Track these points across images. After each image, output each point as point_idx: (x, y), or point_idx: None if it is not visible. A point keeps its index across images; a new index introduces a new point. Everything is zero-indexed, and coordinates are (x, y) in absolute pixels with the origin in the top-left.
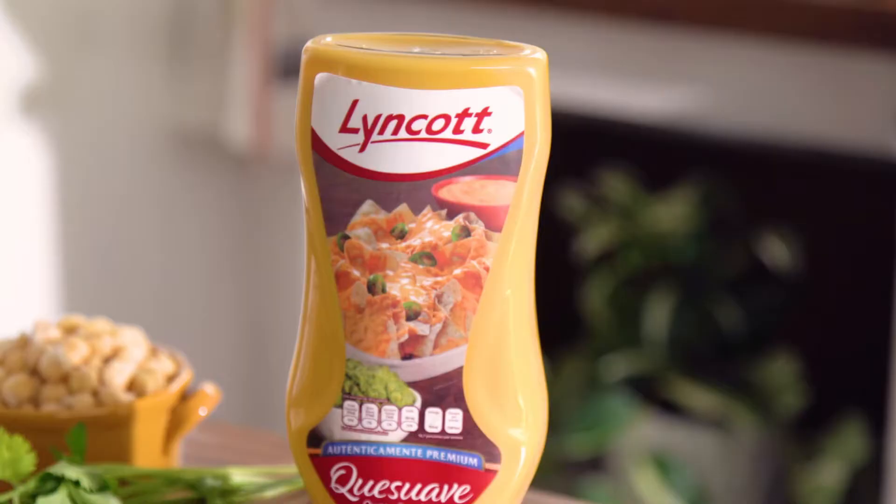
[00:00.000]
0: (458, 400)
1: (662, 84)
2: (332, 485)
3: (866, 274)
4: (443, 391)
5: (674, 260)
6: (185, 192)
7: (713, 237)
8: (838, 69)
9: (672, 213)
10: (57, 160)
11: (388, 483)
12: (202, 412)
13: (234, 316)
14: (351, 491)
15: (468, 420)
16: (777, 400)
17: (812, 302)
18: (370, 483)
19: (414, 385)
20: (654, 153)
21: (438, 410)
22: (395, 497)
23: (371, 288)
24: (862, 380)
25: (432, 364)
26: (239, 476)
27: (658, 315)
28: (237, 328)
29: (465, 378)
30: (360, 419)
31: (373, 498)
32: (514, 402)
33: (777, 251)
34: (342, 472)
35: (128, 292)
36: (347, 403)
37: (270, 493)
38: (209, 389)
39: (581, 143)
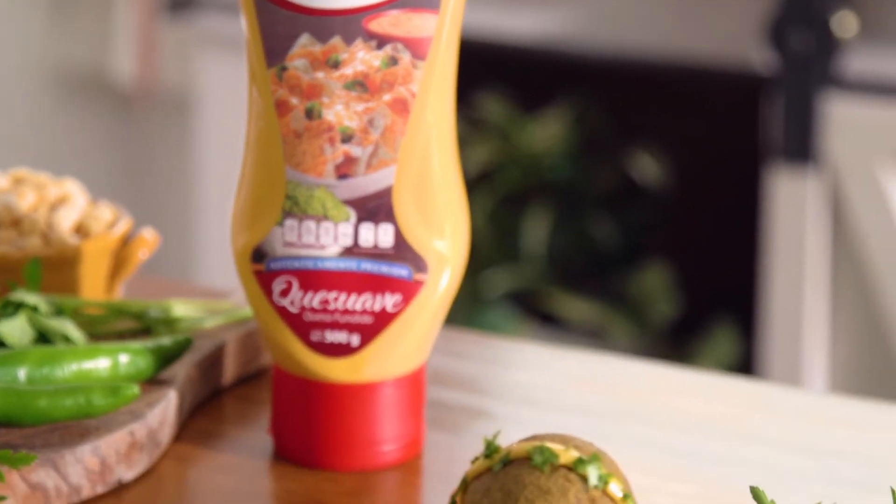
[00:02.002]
0: (389, 216)
1: (535, 6)
2: (275, 298)
3: (733, 186)
4: (375, 208)
5: (550, 178)
6: (69, 132)
7: (587, 156)
8: None
9: (547, 133)
10: None
11: (326, 294)
12: (142, 255)
13: None
14: (292, 303)
15: (398, 235)
16: (651, 308)
17: (683, 214)
18: (309, 295)
19: (349, 203)
20: (529, 74)
21: (371, 226)
22: (332, 307)
23: (308, 114)
24: (732, 287)
25: (365, 183)
26: (181, 308)
27: (536, 232)
28: None
29: (394, 196)
30: (299, 236)
31: (312, 308)
32: (440, 218)
33: (648, 167)
34: (284, 285)
35: None
36: (288, 222)
37: (211, 323)
38: (148, 234)
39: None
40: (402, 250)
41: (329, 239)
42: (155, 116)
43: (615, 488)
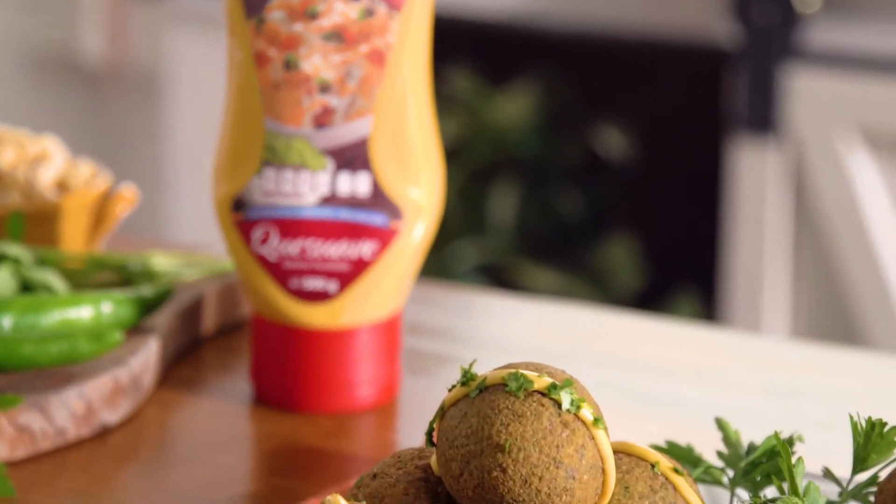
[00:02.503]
0: (366, 165)
1: None
2: (254, 246)
3: (697, 158)
4: (352, 158)
5: (517, 153)
6: (37, 113)
7: (554, 130)
8: None
9: (514, 108)
10: None
11: (304, 242)
12: (121, 211)
13: None
14: (271, 251)
15: (375, 184)
16: (616, 280)
17: (647, 187)
18: (288, 243)
19: (326, 152)
20: (496, 50)
21: (349, 175)
22: (310, 255)
23: (287, 66)
24: (695, 258)
25: (342, 133)
26: (160, 260)
27: (503, 205)
28: None
29: (371, 146)
30: (278, 185)
31: (290, 256)
32: (415, 167)
33: (614, 141)
34: (263, 234)
35: None
36: (267, 171)
37: (190, 275)
38: (127, 191)
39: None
40: (378, 199)
41: (307, 188)
42: (124, 96)
43: (587, 413)
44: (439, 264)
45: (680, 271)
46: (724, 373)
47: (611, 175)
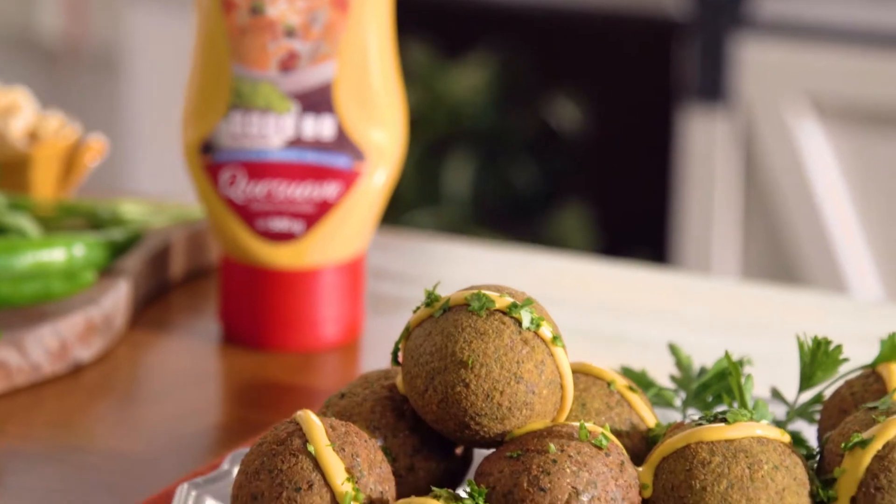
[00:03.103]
0: (330, 108)
1: None
2: (222, 188)
3: (649, 127)
4: (316, 101)
5: (472, 125)
6: None
7: (508, 102)
8: None
9: (469, 81)
10: None
11: (270, 184)
12: (90, 161)
13: None
14: (239, 193)
15: (338, 126)
16: (570, 248)
17: (600, 157)
18: (255, 184)
19: (291, 96)
20: (450, 22)
21: (313, 118)
22: (276, 197)
23: (253, 11)
24: (648, 225)
25: (307, 77)
26: (129, 207)
27: (459, 177)
28: None
29: (335, 89)
30: (245, 128)
31: (257, 198)
32: (378, 111)
33: (567, 112)
34: (230, 176)
35: None
36: (234, 115)
37: (158, 222)
38: (95, 142)
39: None
40: (342, 142)
41: (273, 131)
42: (84, 74)
43: (546, 330)
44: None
45: (632, 239)
46: (676, 311)
47: (564, 146)
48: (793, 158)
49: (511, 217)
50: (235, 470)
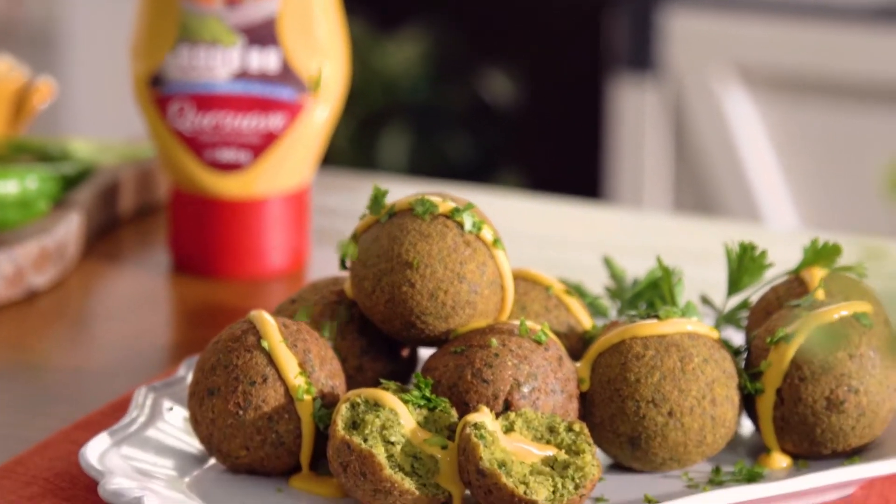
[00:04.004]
0: (274, 41)
1: None
2: (171, 120)
3: (579, 98)
4: (261, 34)
5: (407, 99)
6: None
7: (442, 76)
8: None
9: (403, 55)
10: None
11: (217, 115)
12: (39, 103)
13: None
14: (187, 124)
15: (283, 59)
16: None
17: (533, 129)
18: (202, 116)
19: (237, 29)
20: None
21: (258, 51)
22: (223, 129)
23: None
24: (580, 195)
25: (252, 11)
26: (79, 145)
27: (395, 151)
28: None
29: (279, 23)
30: (192, 61)
31: (204, 129)
32: (321, 44)
33: (500, 86)
34: (179, 108)
35: None
36: (181, 49)
37: (107, 159)
38: (44, 84)
39: None
40: (286, 74)
41: (219, 63)
42: (19, 54)
43: (487, 233)
44: None
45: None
46: (608, 240)
47: (498, 118)
48: (721, 125)
49: (446, 190)
50: (191, 375)
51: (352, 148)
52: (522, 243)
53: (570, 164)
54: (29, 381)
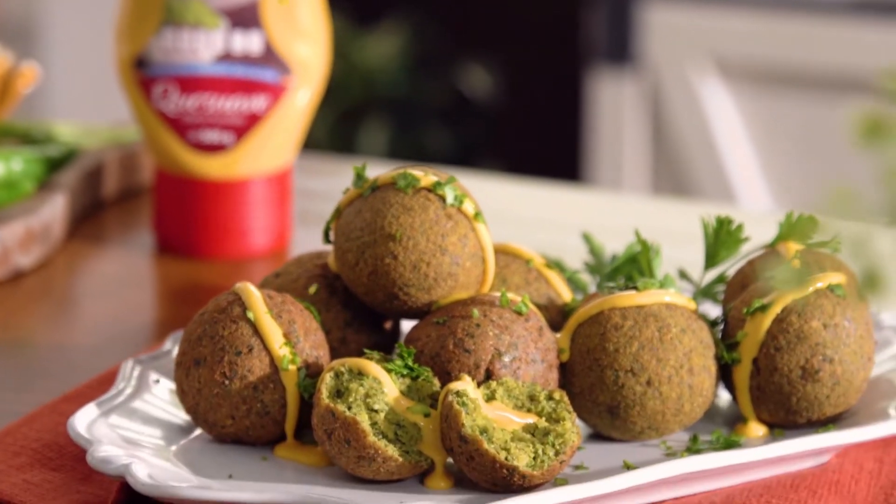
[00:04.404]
0: (257, 24)
1: None
2: (155, 102)
3: (558, 90)
4: (245, 17)
5: (386, 93)
6: None
7: (421, 70)
8: None
9: (383, 49)
10: None
11: (201, 97)
12: (23, 87)
13: None
14: (171, 106)
15: (266, 42)
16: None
17: (512, 121)
18: (186, 98)
19: (221, 11)
20: None
21: (241, 33)
22: (207, 110)
23: None
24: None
25: None
26: (63, 128)
27: (374, 145)
28: None
29: (262, 5)
30: (176, 43)
31: (188, 111)
32: (304, 28)
33: (479, 79)
34: (163, 90)
35: None
36: (166, 31)
37: (90, 143)
38: (28, 69)
39: None
40: (269, 56)
41: (203, 46)
42: (0, 41)
43: (468, 206)
44: None
45: None
46: (587, 222)
47: (476, 111)
48: (698, 117)
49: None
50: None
51: (331, 141)
52: (503, 224)
53: (550, 156)
54: (15, 357)
